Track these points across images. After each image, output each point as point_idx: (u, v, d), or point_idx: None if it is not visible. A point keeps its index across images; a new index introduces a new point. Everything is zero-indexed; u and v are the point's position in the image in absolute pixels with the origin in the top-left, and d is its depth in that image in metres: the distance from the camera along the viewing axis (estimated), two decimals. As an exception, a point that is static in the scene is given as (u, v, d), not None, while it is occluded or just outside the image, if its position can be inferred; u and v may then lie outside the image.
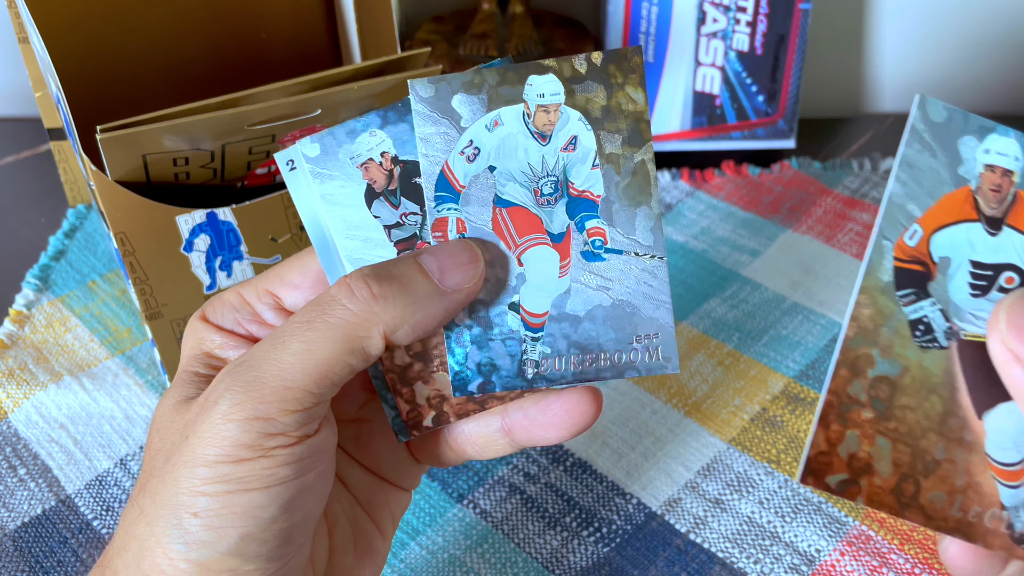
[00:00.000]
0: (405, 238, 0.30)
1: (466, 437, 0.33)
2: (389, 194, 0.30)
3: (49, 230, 0.63)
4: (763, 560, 0.42)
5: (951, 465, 0.23)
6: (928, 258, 0.25)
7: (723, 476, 0.46)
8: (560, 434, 0.31)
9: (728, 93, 0.67)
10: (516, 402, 0.32)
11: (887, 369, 0.23)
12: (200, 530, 0.27)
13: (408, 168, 0.30)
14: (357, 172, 0.30)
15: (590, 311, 0.30)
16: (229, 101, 0.40)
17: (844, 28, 0.74)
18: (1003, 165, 0.24)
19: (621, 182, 0.30)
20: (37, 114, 0.74)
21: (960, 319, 0.25)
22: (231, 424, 0.27)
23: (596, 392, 0.31)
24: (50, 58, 0.40)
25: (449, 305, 0.29)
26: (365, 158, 0.30)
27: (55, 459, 0.48)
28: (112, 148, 0.39)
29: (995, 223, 0.25)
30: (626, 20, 0.67)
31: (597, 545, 0.43)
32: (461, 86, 0.30)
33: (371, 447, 0.34)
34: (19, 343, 0.54)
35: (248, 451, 0.27)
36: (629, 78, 0.30)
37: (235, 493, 0.27)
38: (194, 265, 0.45)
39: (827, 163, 0.68)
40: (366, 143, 0.30)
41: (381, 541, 0.34)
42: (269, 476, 0.27)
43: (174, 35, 0.50)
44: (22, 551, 0.43)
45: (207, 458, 0.27)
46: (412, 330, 0.29)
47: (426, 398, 0.31)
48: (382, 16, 0.48)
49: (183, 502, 0.27)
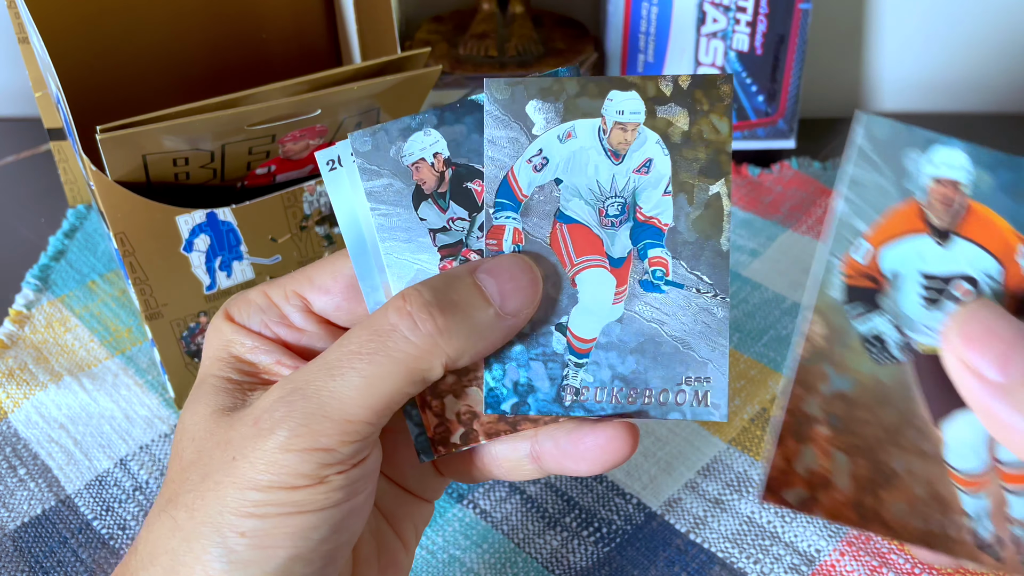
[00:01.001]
0: (450, 244, 0.29)
1: (492, 458, 0.32)
2: (438, 197, 0.29)
3: (49, 230, 0.63)
4: (763, 560, 0.42)
5: (911, 476, 0.24)
6: (878, 273, 0.25)
7: (723, 476, 0.46)
8: (591, 468, 0.30)
9: (728, 93, 0.67)
10: (548, 429, 0.31)
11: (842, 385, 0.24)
12: (246, 550, 0.26)
13: (460, 171, 0.29)
14: (407, 171, 0.29)
15: (640, 343, 0.29)
16: (229, 101, 0.40)
17: (844, 28, 0.74)
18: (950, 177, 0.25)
19: (692, 213, 0.29)
20: (37, 114, 0.74)
21: (914, 331, 0.25)
22: (290, 455, 0.26)
23: (633, 429, 0.30)
24: (50, 58, 0.40)
25: (508, 331, 0.28)
26: (417, 157, 0.29)
27: (55, 459, 0.48)
28: (112, 148, 0.39)
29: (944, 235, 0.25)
30: (626, 20, 0.67)
31: (597, 545, 0.43)
32: (538, 92, 0.28)
33: (397, 458, 0.33)
34: (19, 343, 0.54)
35: (304, 480, 0.27)
36: (716, 106, 0.28)
37: (287, 516, 0.26)
38: (194, 265, 0.45)
39: (827, 163, 0.68)
40: (419, 142, 0.29)
41: (404, 554, 0.33)
42: (323, 500, 0.27)
43: (174, 35, 0.50)
44: (22, 551, 0.43)
45: (259, 483, 0.26)
46: (471, 358, 0.28)
47: (456, 413, 0.30)
48: (382, 16, 0.48)
49: (229, 521, 0.26)
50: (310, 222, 0.47)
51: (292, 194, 0.46)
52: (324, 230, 0.48)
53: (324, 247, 0.48)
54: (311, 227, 0.47)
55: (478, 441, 0.30)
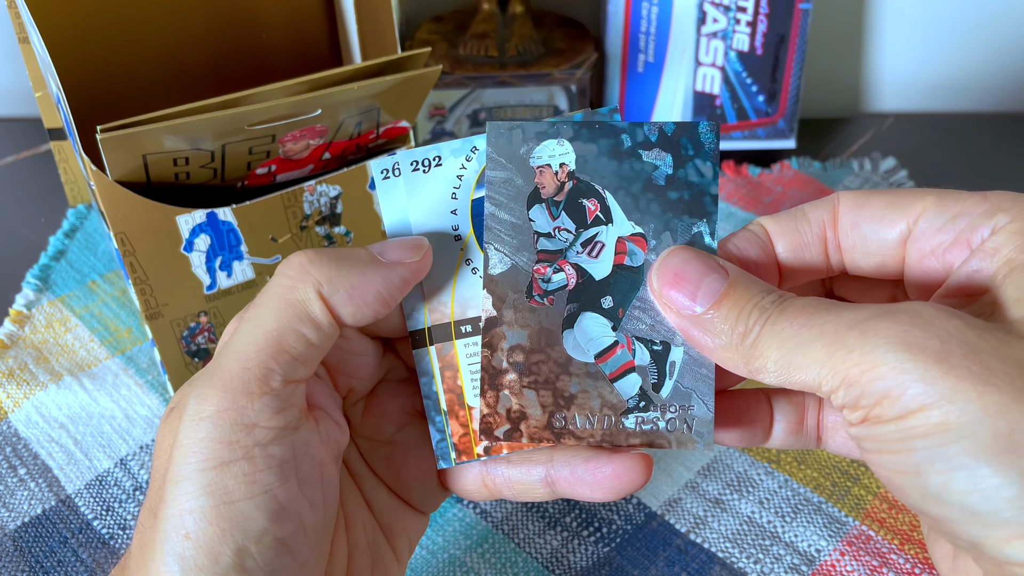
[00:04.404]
0: (550, 250, 0.30)
1: (504, 480, 0.32)
2: (552, 204, 0.30)
3: (49, 230, 0.63)
4: (763, 560, 0.42)
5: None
6: None
7: (723, 476, 0.46)
8: (606, 496, 0.31)
9: (728, 93, 0.67)
10: (563, 457, 0.31)
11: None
12: (195, 553, 0.26)
13: (580, 187, 0.30)
14: (531, 172, 0.30)
15: None
16: (229, 101, 0.40)
17: (844, 28, 0.74)
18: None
19: None
20: (37, 114, 0.74)
21: None
22: (203, 423, 0.27)
23: (648, 459, 0.31)
24: (50, 58, 0.40)
25: (389, 275, 0.29)
26: (544, 162, 0.30)
27: (55, 459, 0.48)
28: (112, 148, 0.39)
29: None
30: (626, 20, 0.67)
31: (597, 545, 0.43)
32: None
33: (403, 470, 0.33)
34: (19, 343, 0.54)
35: (226, 450, 0.26)
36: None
37: (220, 506, 0.26)
38: (194, 265, 0.45)
39: (827, 163, 0.68)
40: (551, 149, 0.30)
41: (396, 567, 0.33)
42: (252, 484, 0.27)
43: (174, 35, 0.50)
44: (22, 551, 0.43)
45: (189, 469, 0.26)
46: (349, 296, 0.28)
47: (507, 409, 0.30)
48: (382, 16, 0.48)
49: (175, 524, 0.26)
50: (310, 222, 0.47)
51: (292, 194, 0.46)
52: (324, 230, 0.48)
53: (324, 247, 0.48)
54: (311, 227, 0.47)
55: (501, 452, 0.31)
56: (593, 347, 0.30)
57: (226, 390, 0.27)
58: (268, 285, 0.29)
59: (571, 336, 0.30)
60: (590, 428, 0.30)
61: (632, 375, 0.30)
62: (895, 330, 0.25)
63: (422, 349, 0.32)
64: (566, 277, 0.30)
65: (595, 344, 0.30)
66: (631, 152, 0.30)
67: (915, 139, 0.71)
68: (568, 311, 0.30)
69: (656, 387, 0.30)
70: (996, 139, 0.71)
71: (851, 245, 0.30)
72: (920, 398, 0.24)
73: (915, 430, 0.24)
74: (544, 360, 0.30)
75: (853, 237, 0.30)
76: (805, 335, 0.26)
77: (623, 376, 0.30)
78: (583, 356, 0.30)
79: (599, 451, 0.31)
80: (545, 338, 0.30)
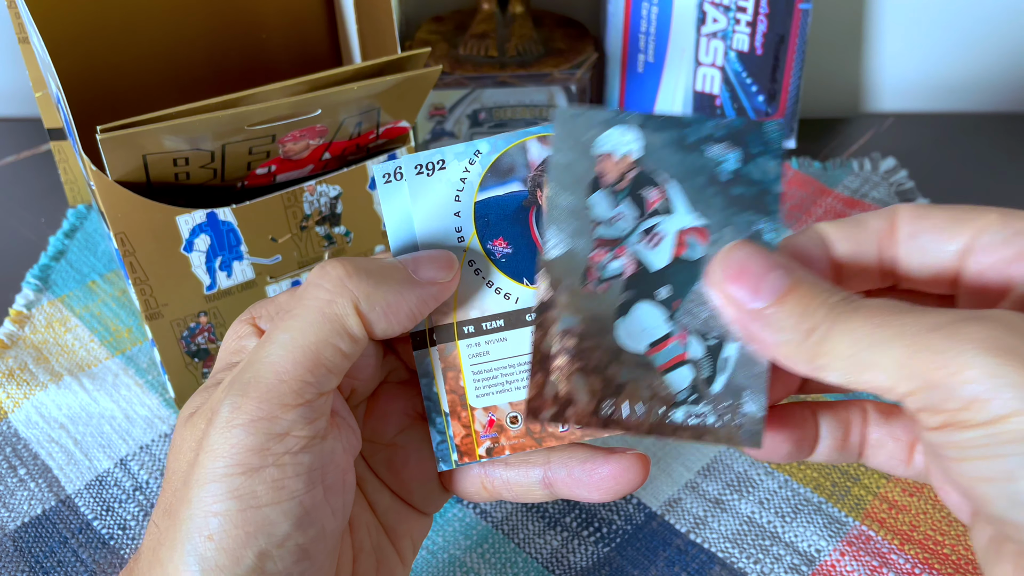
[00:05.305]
0: (608, 238, 0.30)
1: (503, 482, 0.33)
2: (613, 192, 0.30)
3: (49, 230, 0.63)
4: (763, 560, 0.42)
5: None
6: None
7: (723, 476, 0.46)
8: (603, 496, 0.31)
9: (728, 93, 0.67)
10: (561, 458, 0.31)
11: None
12: (216, 554, 0.26)
13: (642, 177, 0.30)
14: (593, 159, 0.30)
15: None
16: (229, 101, 0.40)
17: (844, 28, 0.74)
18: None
19: None
20: (37, 114, 0.74)
21: None
22: (236, 430, 0.27)
23: (645, 459, 0.31)
24: (50, 58, 0.40)
25: (422, 295, 0.30)
26: (608, 150, 0.30)
27: (55, 459, 0.48)
28: (112, 148, 0.39)
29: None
30: (626, 20, 0.67)
31: (597, 545, 0.43)
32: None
33: (404, 473, 0.33)
34: (19, 343, 0.54)
35: (257, 457, 0.27)
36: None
37: (247, 510, 0.26)
38: (194, 265, 0.45)
39: (827, 163, 0.68)
40: (616, 138, 0.30)
41: (401, 569, 0.33)
42: (280, 490, 0.27)
43: (174, 35, 0.50)
44: (22, 551, 0.43)
45: (217, 472, 0.27)
46: (384, 313, 0.29)
47: (555, 393, 0.30)
48: (382, 16, 0.48)
49: (197, 525, 0.26)
50: (310, 222, 0.47)
51: (292, 194, 0.46)
52: (324, 230, 0.48)
53: (324, 247, 0.48)
54: (311, 227, 0.47)
55: (503, 454, 0.31)
56: (646, 337, 0.30)
57: (262, 401, 0.27)
58: (303, 294, 0.29)
59: (624, 325, 0.30)
60: (637, 419, 0.29)
61: (684, 368, 0.29)
62: (984, 334, 0.24)
63: (423, 350, 0.32)
64: (623, 265, 0.30)
65: (648, 334, 0.30)
66: (696, 146, 0.30)
67: (915, 139, 0.71)
68: (623, 299, 0.30)
69: (708, 382, 0.29)
70: (996, 139, 0.71)
71: (908, 255, 0.29)
72: (1012, 403, 0.23)
73: (1006, 435, 0.23)
74: (595, 347, 0.29)
75: (911, 247, 0.29)
76: (881, 335, 0.25)
77: (674, 368, 0.29)
78: (635, 346, 0.30)
79: (596, 452, 0.31)
80: (598, 325, 0.30)
